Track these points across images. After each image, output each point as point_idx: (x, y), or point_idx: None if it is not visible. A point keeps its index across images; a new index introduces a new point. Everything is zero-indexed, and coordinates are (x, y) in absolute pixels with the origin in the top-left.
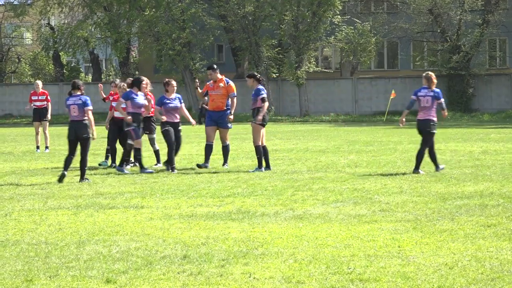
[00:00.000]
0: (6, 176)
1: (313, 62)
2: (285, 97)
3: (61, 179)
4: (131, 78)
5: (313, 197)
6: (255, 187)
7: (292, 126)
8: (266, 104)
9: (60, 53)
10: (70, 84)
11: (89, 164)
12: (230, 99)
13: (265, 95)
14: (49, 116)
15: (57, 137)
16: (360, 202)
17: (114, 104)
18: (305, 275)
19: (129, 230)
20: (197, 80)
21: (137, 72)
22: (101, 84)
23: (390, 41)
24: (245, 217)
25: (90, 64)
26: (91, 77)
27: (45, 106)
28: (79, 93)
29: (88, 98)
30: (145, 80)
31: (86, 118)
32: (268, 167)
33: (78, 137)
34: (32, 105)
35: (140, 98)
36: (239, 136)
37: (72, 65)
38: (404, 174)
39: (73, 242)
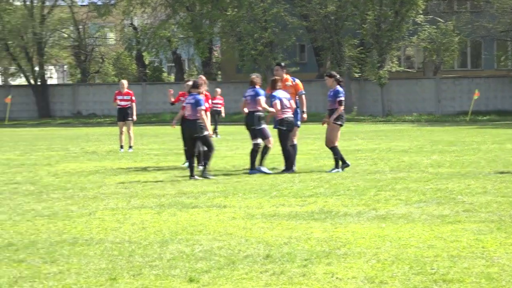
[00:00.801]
0: (90, 176)
1: (396, 62)
2: (368, 96)
3: (191, 172)
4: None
5: (396, 197)
6: (337, 187)
7: (374, 126)
8: (342, 107)
9: (143, 53)
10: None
11: (171, 163)
12: (298, 98)
13: (342, 98)
14: (134, 116)
15: (140, 136)
16: (444, 202)
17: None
18: (388, 276)
19: (212, 229)
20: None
21: (219, 72)
22: (171, 90)
23: (473, 41)
24: (328, 217)
25: (173, 64)
26: (173, 77)
27: (129, 106)
28: (196, 92)
29: (202, 98)
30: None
31: (199, 117)
32: (337, 166)
33: (191, 136)
34: (116, 104)
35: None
36: (322, 136)
37: (154, 65)
38: (488, 174)
39: (156, 241)
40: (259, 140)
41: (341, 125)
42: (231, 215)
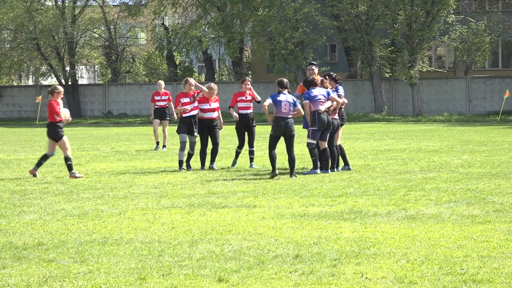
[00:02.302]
0: (121, 175)
1: (427, 62)
2: (398, 96)
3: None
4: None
5: (426, 197)
6: (367, 187)
7: (405, 126)
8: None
9: (173, 53)
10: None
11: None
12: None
13: (341, 93)
14: (173, 116)
15: (170, 136)
16: (474, 203)
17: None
18: (417, 276)
19: (242, 229)
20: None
21: (249, 72)
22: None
23: (505, 40)
24: (357, 217)
25: (203, 64)
26: (204, 77)
27: (167, 106)
28: (286, 91)
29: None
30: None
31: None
32: (333, 168)
33: (287, 133)
34: (154, 105)
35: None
36: (352, 136)
37: (185, 64)
38: None
39: (186, 241)
40: (313, 140)
41: (341, 125)
42: (261, 215)
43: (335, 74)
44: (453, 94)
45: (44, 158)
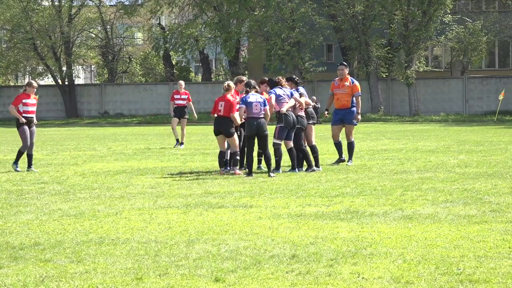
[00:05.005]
0: (117, 175)
1: (423, 62)
2: (395, 96)
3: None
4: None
5: (423, 197)
6: (364, 187)
7: (401, 126)
8: (292, 101)
9: (170, 53)
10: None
11: (198, 163)
12: (355, 98)
13: (298, 94)
14: (193, 115)
15: (167, 136)
16: (470, 203)
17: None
18: (414, 276)
19: (238, 229)
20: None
21: (246, 72)
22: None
23: (501, 40)
24: (354, 217)
25: (200, 64)
26: (200, 77)
27: (186, 105)
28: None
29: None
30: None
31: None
32: (300, 166)
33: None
34: (174, 103)
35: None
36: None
37: (182, 64)
38: None
39: (183, 241)
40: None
41: (313, 124)
42: (257, 215)
43: (297, 78)
44: (450, 94)
45: (222, 155)
